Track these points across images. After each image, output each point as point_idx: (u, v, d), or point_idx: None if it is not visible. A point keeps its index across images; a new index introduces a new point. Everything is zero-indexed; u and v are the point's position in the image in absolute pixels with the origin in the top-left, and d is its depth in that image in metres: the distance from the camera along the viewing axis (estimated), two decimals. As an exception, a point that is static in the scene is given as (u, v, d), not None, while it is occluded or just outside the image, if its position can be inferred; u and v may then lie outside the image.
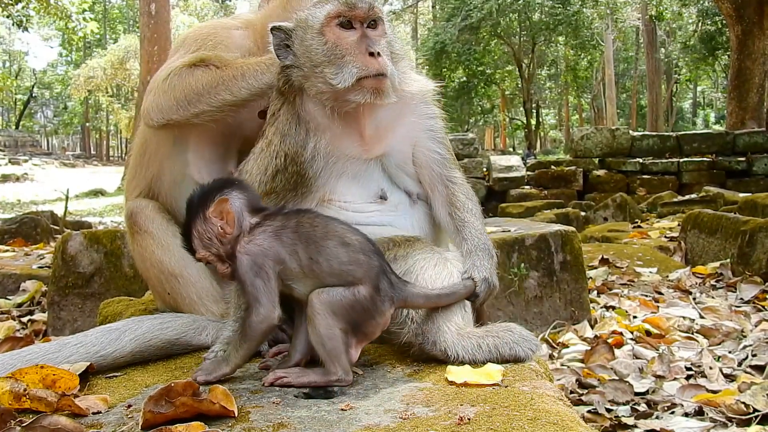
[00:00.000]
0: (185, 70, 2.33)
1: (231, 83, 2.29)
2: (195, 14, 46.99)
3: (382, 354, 2.00)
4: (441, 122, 2.23)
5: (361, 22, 2.06)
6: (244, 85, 2.29)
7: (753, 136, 15.42)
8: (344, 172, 2.14)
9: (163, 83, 2.35)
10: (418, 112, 2.20)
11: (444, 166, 2.20)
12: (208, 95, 2.29)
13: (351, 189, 2.15)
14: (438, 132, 2.21)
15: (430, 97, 2.24)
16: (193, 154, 2.49)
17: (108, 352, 2.03)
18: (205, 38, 2.49)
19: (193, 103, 2.30)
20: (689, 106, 62.66)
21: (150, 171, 2.59)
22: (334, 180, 2.13)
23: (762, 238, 5.11)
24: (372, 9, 2.06)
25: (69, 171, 37.96)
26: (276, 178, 2.13)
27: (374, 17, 2.07)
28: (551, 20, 34.13)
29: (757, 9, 18.19)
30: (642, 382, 3.21)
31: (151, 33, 21.70)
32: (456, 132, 30.31)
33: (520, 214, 12.15)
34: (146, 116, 2.40)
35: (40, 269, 5.30)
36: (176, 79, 2.33)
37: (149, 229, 2.45)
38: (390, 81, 2.01)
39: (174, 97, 2.31)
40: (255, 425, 1.52)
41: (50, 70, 71.17)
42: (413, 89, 2.18)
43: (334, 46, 2.03)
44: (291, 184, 2.12)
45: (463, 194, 2.19)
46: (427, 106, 2.22)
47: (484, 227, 2.15)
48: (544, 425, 1.41)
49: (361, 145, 2.14)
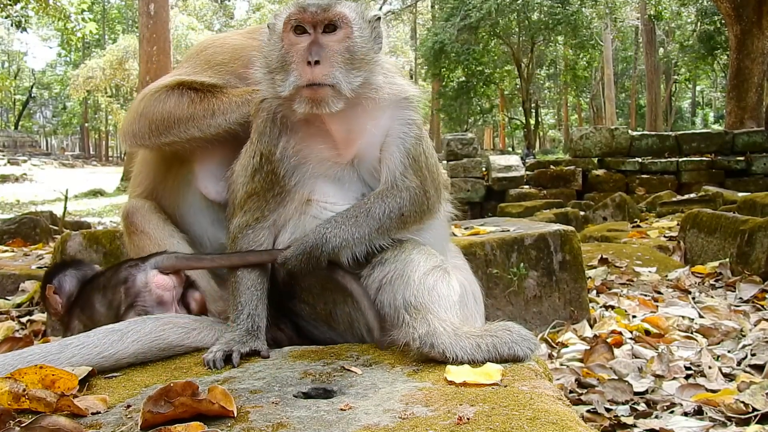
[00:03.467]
0: (162, 95, 2.41)
1: (200, 121, 2.36)
2: (194, 14, 46.95)
3: (382, 354, 2.00)
4: (417, 129, 2.13)
5: (314, 26, 2.01)
6: (213, 123, 2.36)
7: (752, 136, 15.41)
8: (322, 173, 2.12)
9: (139, 104, 2.45)
10: (394, 117, 2.13)
11: (394, 173, 2.09)
12: (177, 129, 2.37)
13: (332, 190, 2.13)
14: (408, 139, 2.11)
15: (407, 102, 2.15)
16: (199, 164, 2.49)
17: (110, 353, 2.03)
18: (215, 56, 2.52)
19: (164, 134, 2.39)
20: (688, 105, 62.68)
21: (154, 174, 2.60)
22: (312, 180, 2.12)
23: (761, 238, 5.11)
24: (325, 12, 2.01)
25: (68, 171, 37.92)
26: (255, 178, 2.14)
27: (329, 21, 2.01)
28: (550, 20, 34.10)
29: (755, 8, 18.20)
30: (641, 381, 3.21)
31: (150, 33, 21.71)
32: (455, 132, 30.31)
33: (519, 213, 12.15)
34: (123, 140, 2.52)
35: (39, 269, 5.28)
36: (151, 104, 2.41)
37: (145, 229, 2.46)
38: (336, 89, 1.96)
39: (146, 124, 2.39)
40: (254, 425, 1.52)
41: (49, 71, 71.16)
42: (389, 94, 2.11)
43: (285, 53, 2.02)
44: (268, 183, 2.12)
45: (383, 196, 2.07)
46: (404, 111, 2.14)
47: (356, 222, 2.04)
48: (544, 425, 1.41)
49: (334, 148, 2.11)
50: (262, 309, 2.13)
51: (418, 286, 1.93)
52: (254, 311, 2.10)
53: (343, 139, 2.10)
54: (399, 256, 2.03)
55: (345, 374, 1.85)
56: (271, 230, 2.16)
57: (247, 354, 2.03)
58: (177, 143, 2.41)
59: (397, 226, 2.08)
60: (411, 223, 2.12)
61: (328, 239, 2.02)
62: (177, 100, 2.38)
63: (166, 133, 2.39)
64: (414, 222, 2.12)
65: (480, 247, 4.15)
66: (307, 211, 2.12)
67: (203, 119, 2.36)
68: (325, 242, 2.02)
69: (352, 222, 2.04)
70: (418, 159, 2.11)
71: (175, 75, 2.52)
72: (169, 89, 2.42)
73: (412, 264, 1.99)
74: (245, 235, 2.16)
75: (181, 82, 2.43)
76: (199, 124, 2.36)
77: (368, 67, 2.05)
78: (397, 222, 2.08)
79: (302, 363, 1.96)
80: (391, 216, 2.06)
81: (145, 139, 2.42)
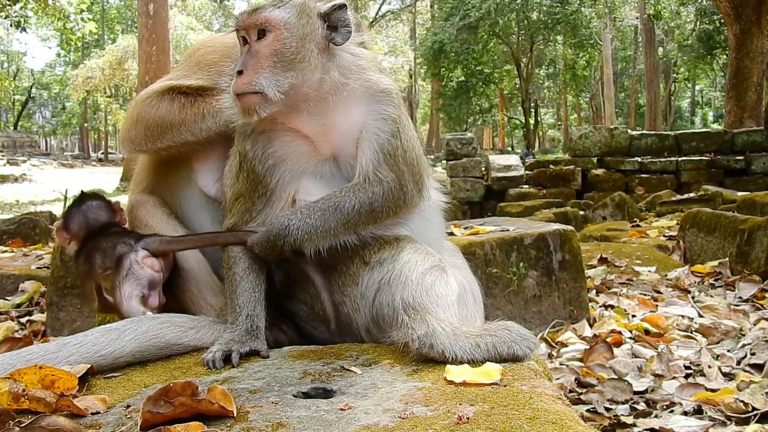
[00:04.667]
0: (154, 101, 2.45)
1: (192, 125, 2.40)
2: (193, 14, 46.93)
3: (381, 354, 2.00)
4: (392, 123, 2.10)
5: (248, 34, 2.03)
6: (203, 127, 2.39)
7: (751, 135, 15.40)
8: (304, 170, 2.13)
9: (133, 110, 2.50)
10: (368, 111, 2.11)
11: (368, 168, 2.08)
12: (171, 134, 2.42)
13: (316, 188, 2.13)
14: (382, 134, 2.08)
15: (383, 96, 2.12)
16: (198, 162, 2.51)
17: (108, 352, 2.03)
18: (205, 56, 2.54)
19: (159, 139, 2.44)
20: (687, 105, 62.72)
21: (155, 172, 2.62)
22: (295, 179, 2.12)
23: (760, 237, 5.11)
24: (250, 18, 2.02)
25: (67, 171, 37.90)
26: (239, 178, 2.16)
27: (256, 27, 2.01)
28: (549, 19, 34.14)
29: (755, 8, 18.20)
30: (641, 380, 3.21)
31: (149, 33, 21.70)
32: (455, 131, 30.31)
33: (518, 213, 12.15)
34: (122, 146, 2.60)
35: (38, 270, 5.28)
36: (144, 110, 2.46)
37: (149, 223, 2.48)
38: (263, 95, 1.96)
39: (142, 130, 2.45)
40: (254, 425, 1.51)
41: (48, 71, 71.13)
42: (359, 88, 2.09)
43: (236, 63, 2.08)
44: (252, 183, 2.12)
45: (355, 189, 2.06)
46: (379, 105, 2.11)
47: (323, 215, 2.04)
48: (543, 424, 1.41)
49: (309, 143, 2.12)
50: (261, 310, 2.13)
51: (416, 286, 1.93)
52: (253, 312, 2.10)
53: (316, 134, 2.10)
54: (396, 256, 2.03)
55: (344, 374, 1.84)
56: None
57: (246, 354, 2.03)
58: (173, 148, 2.46)
59: (366, 221, 2.07)
60: (383, 218, 2.10)
61: (291, 231, 2.02)
62: (168, 105, 2.43)
63: (161, 138, 2.43)
64: (387, 216, 2.10)
65: (479, 246, 4.15)
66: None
67: (194, 123, 2.40)
68: (288, 233, 2.03)
69: (319, 215, 2.04)
70: (393, 153, 2.09)
71: (167, 79, 2.55)
72: (160, 94, 2.46)
73: (410, 264, 1.98)
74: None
75: (171, 87, 2.47)
76: (191, 128, 2.40)
77: (304, 65, 2.02)
78: (367, 217, 2.06)
79: (302, 363, 1.96)
80: (360, 211, 2.05)
81: (143, 144, 2.48)
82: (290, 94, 2.00)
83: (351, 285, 2.09)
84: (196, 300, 2.41)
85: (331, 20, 2.07)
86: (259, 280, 2.15)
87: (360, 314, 2.10)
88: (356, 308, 2.10)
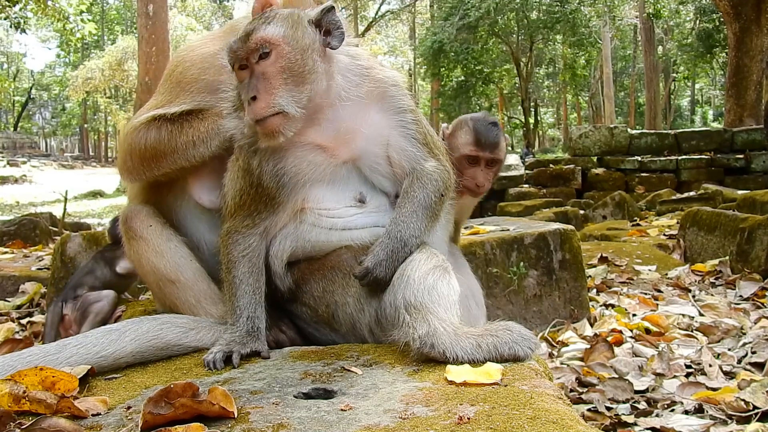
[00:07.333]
0: (143, 132, 2.46)
1: (184, 153, 2.41)
2: (193, 15, 46.91)
3: (382, 354, 2.00)
4: (411, 114, 2.13)
5: (248, 59, 1.99)
6: (196, 154, 2.41)
7: (751, 134, 15.40)
8: (315, 178, 2.10)
9: (125, 141, 2.52)
10: (384, 108, 2.12)
11: (415, 161, 2.12)
12: (166, 162, 2.44)
13: (326, 195, 2.12)
14: (409, 127, 2.11)
15: (395, 89, 2.13)
16: (192, 175, 2.50)
17: (108, 353, 2.03)
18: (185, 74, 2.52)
19: (155, 167, 2.46)
20: (687, 103, 62.70)
21: (150, 183, 2.61)
22: (304, 187, 2.10)
23: (761, 235, 5.11)
24: (247, 44, 1.98)
25: (67, 172, 37.91)
26: (243, 189, 2.14)
27: (255, 50, 1.97)
28: (549, 18, 34.13)
29: (754, 6, 18.19)
30: (642, 380, 3.21)
31: (149, 34, 21.66)
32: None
33: (518, 212, 12.14)
34: (122, 177, 2.64)
35: (39, 271, 5.28)
36: (135, 141, 2.47)
37: (144, 234, 2.46)
38: (285, 115, 1.94)
39: (138, 161, 2.48)
40: (255, 426, 1.51)
41: (48, 72, 71.13)
42: (368, 87, 2.08)
43: (239, 91, 2.07)
44: (258, 195, 2.11)
45: (420, 183, 2.10)
46: (392, 98, 2.13)
47: (417, 216, 2.05)
48: (544, 424, 1.41)
49: (324, 150, 2.10)
50: (261, 312, 2.13)
51: (418, 285, 1.93)
52: (253, 314, 2.10)
53: (331, 141, 2.09)
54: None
55: (345, 374, 1.84)
56: (263, 237, 2.16)
57: (247, 355, 2.03)
58: (170, 173, 2.47)
59: (440, 209, 2.13)
60: (445, 201, 2.16)
61: (406, 240, 2.02)
62: (156, 135, 2.43)
63: (157, 166, 2.45)
64: (447, 200, 2.17)
65: (480, 246, 4.15)
66: (302, 219, 2.12)
67: (185, 151, 2.40)
68: (405, 243, 2.02)
69: (414, 218, 2.05)
70: (425, 139, 2.15)
71: (151, 107, 2.53)
72: (147, 125, 2.46)
73: (413, 263, 1.98)
74: (234, 240, 2.15)
75: (155, 117, 2.45)
76: (184, 155, 2.41)
77: (314, 76, 2.00)
78: (439, 204, 2.12)
79: (302, 363, 1.96)
80: (435, 200, 2.09)
81: (141, 174, 2.50)
82: (308, 107, 2.00)
83: (355, 285, 2.09)
84: (195, 310, 2.41)
85: (323, 25, 2.06)
86: (259, 282, 2.15)
87: (364, 314, 2.10)
88: (360, 308, 2.10)
